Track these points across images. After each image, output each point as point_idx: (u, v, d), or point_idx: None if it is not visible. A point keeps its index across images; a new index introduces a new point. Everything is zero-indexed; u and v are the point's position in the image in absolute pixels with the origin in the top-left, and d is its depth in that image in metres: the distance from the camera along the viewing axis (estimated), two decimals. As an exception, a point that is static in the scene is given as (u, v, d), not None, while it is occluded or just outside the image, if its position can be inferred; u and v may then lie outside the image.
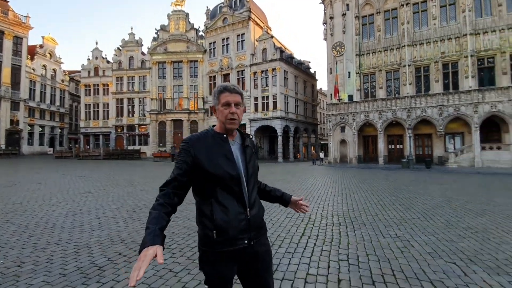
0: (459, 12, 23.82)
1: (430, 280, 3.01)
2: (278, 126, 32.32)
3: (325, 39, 29.74)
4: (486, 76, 23.26)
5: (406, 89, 25.32)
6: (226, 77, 37.03)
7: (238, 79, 35.92)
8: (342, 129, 27.96)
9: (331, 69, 28.78)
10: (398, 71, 26.29)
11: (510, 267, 3.33)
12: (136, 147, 39.49)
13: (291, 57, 37.38)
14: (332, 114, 28.20)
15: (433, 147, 25.39)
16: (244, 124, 34.93)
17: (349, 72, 27.85)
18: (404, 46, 25.50)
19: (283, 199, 1.71)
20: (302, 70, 39.01)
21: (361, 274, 3.17)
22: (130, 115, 41.41)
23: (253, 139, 1.63)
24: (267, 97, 33.52)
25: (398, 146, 26.94)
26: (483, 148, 21.97)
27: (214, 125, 1.53)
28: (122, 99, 41.40)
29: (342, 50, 27.84)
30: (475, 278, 3.07)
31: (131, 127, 41.36)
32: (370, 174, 16.89)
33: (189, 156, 1.37)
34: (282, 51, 34.72)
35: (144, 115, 40.64)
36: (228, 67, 36.27)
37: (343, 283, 2.96)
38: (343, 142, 28.06)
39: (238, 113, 1.43)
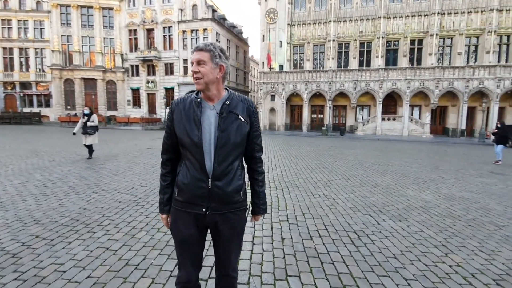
0: (376, -6, 26.28)
1: (354, 230, 3.58)
2: (209, 92, 31.23)
3: (259, 3, 28.98)
4: (391, 57, 27.10)
5: (329, 63, 27.48)
6: (149, 32, 32.97)
7: (165, 36, 32.47)
8: (272, 97, 28.98)
9: (264, 36, 28.64)
10: (324, 45, 28.09)
11: (407, 215, 4.23)
12: (35, 110, 32.71)
13: (223, 18, 35.42)
14: (264, 83, 28.74)
15: (346, 117, 29.01)
16: (172, 88, 32.58)
17: (280, 42, 28.31)
18: (331, 21, 27.10)
19: (252, 206, 1.63)
20: (235, 34, 37.70)
21: (300, 231, 3.52)
22: (24, 69, 33.44)
23: (248, 104, 1.46)
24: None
25: (319, 116, 29.78)
26: (383, 119, 26.25)
27: None
28: (11, 49, 32.83)
29: (275, 17, 27.80)
30: (385, 225, 3.79)
31: (25, 85, 33.68)
32: (296, 140, 18.36)
33: (169, 120, 1.45)
34: (214, 10, 32.48)
35: (44, 71, 33.43)
36: (152, 21, 32.16)
37: (286, 241, 3.24)
38: (272, 110, 29.28)
39: (201, 71, 1.33)
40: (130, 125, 27.71)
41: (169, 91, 32.89)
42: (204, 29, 30.88)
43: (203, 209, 1.38)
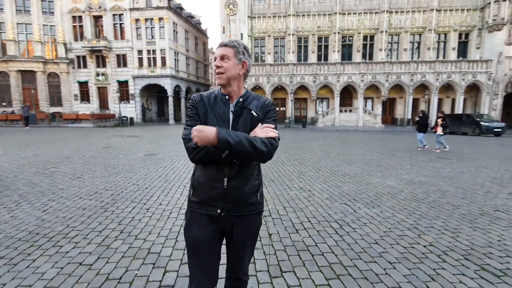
0: (329, -9, 27.34)
1: (335, 220, 3.72)
2: (168, 85, 29.81)
3: (217, -7, 28.19)
4: (347, 52, 28.59)
5: (290, 57, 28.06)
6: (97, 19, 30.14)
7: (115, 24, 29.98)
8: (235, 91, 28.71)
9: (224, 28, 28.05)
10: (284, 38, 28.52)
11: (378, 201, 4.52)
12: (-41, 107, 28.02)
13: (180, 7, 33.80)
14: (225, 76, 28.26)
15: (307, 110, 30.07)
16: (127, 81, 30.39)
17: (241, 34, 28.00)
18: (290, 15, 27.55)
19: None
20: (193, 24, 36.32)
21: (285, 225, 3.55)
22: None
23: (263, 101, 1.41)
24: (154, 51, 29.80)
25: (282, 108, 30.38)
26: (340, 111, 27.78)
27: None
28: None
29: (235, 9, 27.36)
30: (361, 213, 4.00)
31: None
32: (261, 134, 18.48)
33: (194, 111, 1.37)
34: (170, -1, 30.80)
35: (-33, 61, 28.65)
36: (100, 7, 29.40)
37: (273, 236, 3.23)
38: (235, 104, 29.06)
39: (224, 66, 1.32)
40: (79, 122, 25.22)
41: (123, 84, 30.62)
42: (160, 18, 29.16)
43: (218, 210, 1.33)
